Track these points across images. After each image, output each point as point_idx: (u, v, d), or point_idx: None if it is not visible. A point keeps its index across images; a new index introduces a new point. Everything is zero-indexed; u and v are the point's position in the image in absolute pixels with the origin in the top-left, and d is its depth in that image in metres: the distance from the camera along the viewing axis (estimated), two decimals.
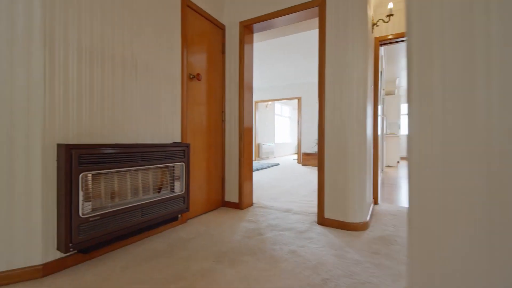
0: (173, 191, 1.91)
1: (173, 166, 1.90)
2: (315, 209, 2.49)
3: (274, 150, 9.31)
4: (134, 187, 1.65)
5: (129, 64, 1.65)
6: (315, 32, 3.92)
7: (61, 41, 1.30)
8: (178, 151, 1.90)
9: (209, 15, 2.40)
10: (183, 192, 1.93)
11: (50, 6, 1.25)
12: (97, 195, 1.44)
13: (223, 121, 2.63)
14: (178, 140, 2.06)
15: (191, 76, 2.19)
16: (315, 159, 6.39)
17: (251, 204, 2.65)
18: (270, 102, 9.31)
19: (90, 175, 1.37)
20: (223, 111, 2.62)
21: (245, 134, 2.55)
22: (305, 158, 6.56)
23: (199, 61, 2.30)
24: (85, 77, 1.41)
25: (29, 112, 1.21)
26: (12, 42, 1.17)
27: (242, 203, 2.49)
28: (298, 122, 7.19)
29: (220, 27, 2.58)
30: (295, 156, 9.97)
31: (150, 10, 1.80)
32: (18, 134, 1.19)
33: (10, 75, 1.17)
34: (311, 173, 5.30)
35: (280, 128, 10.64)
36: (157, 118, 1.86)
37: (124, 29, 1.62)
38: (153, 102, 1.83)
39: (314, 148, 6.96)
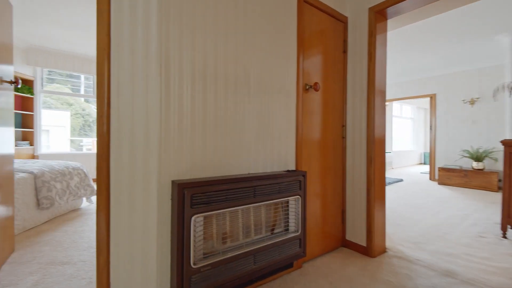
0: (287, 231, 1.55)
1: (287, 201, 1.54)
2: (503, 280, 1.55)
3: (392, 160, 7.76)
4: (245, 227, 1.39)
5: (242, 82, 1.42)
6: (470, 8, 2.73)
7: (175, 67, 1.17)
8: (293, 182, 1.53)
9: (329, 7, 1.94)
10: (299, 233, 1.55)
11: (165, 30, 1.13)
12: (207, 238, 1.25)
13: (343, 137, 2.09)
14: (292, 165, 1.70)
15: (307, 87, 1.79)
16: (462, 177, 4.72)
17: (384, 249, 1.98)
18: (387, 103, 7.83)
19: (202, 217, 1.18)
20: (343, 126, 2.09)
21: (376, 154, 1.92)
22: (443, 175, 4.97)
23: (316, 67, 1.88)
24: (198, 103, 1.24)
25: (147, 146, 1.12)
26: (133, 73, 1.10)
27: (372, 248, 1.87)
28: (431, 126, 5.58)
29: (342, 21, 2.07)
30: (423, 169, 7.97)
31: (264, 16, 1.52)
32: (138, 171, 1.12)
33: (132, 109, 1.12)
34: (460, 199, 3.87)
35: (400, 132, 8.81)
36: (269, 142, 1.56)
37: (238, 42, 1.39)
38: (265, 124, 1.54)
39: (458, 162, 5.20)
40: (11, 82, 1.78)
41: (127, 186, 1.11)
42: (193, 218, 1.13)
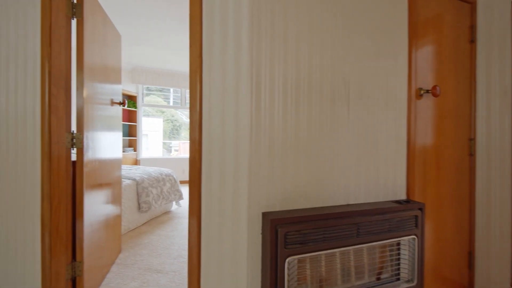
0: (399, 279, 1.23)
1: (399, 242, 1.21)
2: None
3: None
4: (345, 269, 1.15)
5: (340, 94, 1.18)
6: None
7: (267, 83, 1.03)
8: (407, 218, 1.19)
9: None
10: (414, 283, 1.20)
11: (257, 43, 1.00)
12: (301, 281, 1.07)
13: (470, 155, 1.58)
14: (402, 194, 1.35)
15: (421, 92, 1.40)
16: None
17: None
18: None
19: (296, 259, 1.01)
20: (471, 139, 1.58)
21: None
22: None
23: (432, 65, 1.46)
24: (290, 123, 1.08)
25: (237, 173, 1.02)
26: (223, 94, 1.02)
27: None
28: None
29: (467, 1, 1.57)
30: None
31: (365, 7, 1.24)
32: (227, 201, 1.03)
33: (222, 132, 1.03)
34: None
35: None
36: (373, 165, 1.27)
37: (335, 45, 1.16)
38: (367, 142, 1.25)
39: None
40: (119, 103, 2.04)
41: (217, 217, 1.03)
42: (287, 260, 0.97)
